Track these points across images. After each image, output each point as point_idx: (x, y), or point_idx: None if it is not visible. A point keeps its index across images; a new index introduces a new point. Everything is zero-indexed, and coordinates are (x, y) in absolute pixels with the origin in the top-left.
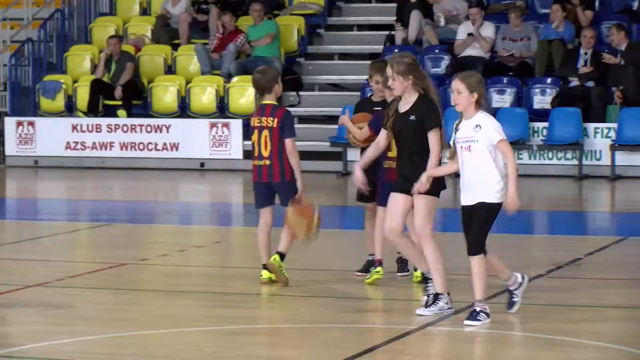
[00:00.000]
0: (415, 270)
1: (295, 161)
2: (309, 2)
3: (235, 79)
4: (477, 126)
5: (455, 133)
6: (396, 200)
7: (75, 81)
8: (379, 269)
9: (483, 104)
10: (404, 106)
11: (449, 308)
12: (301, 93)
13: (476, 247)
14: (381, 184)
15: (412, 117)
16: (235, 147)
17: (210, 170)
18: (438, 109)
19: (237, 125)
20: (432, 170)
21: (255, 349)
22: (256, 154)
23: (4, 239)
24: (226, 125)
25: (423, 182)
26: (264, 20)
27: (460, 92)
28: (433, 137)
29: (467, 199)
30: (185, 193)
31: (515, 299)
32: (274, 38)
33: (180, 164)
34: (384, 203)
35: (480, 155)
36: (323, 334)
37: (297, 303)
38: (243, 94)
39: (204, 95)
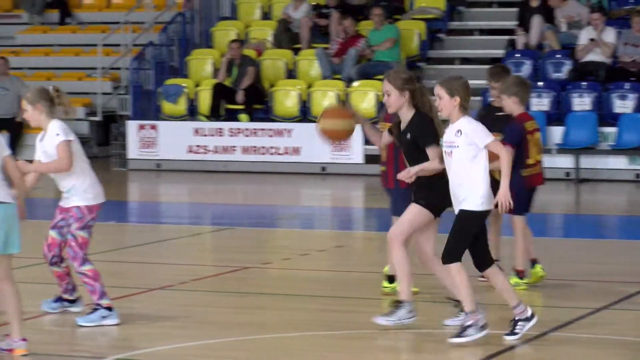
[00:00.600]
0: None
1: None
2: (430, 7)
3: (356, 84)
4: (458, 131)
5: (442, 138)
6: (410, 210)
7: (197, 85)
8: (525, 279)
9: (468, 108)
10: (402, 123)
11: (409, 318)
12: None
13: (450, 255)
14: (516, 191)
15: (408, 135)
16: (356, 152)
17: (331, 175)
18: (434, 125)
19: (358, 129)
20: (421, 165)
21: (376, 354)
22: (381, 159)
23: (127, 242)
24: None
25: (410, 172)
26: (384, 25)
27: (441, 98)
28: (431, 153)
29: (455, 207)
30: (307, 197)
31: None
32: (395, 42)
33: (301, 168)
34: (520, 211)
35: (460, 161)
36: (444, 339)
37: (418, 308)
38: (364, 98)
39: (325, 100)
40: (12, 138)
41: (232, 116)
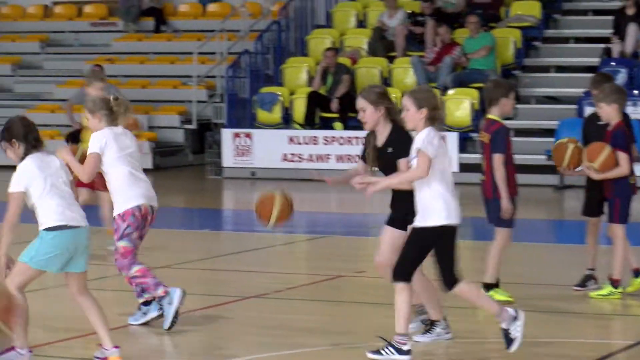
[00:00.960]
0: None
1: (499, 178)
2: (525, 15)
3: (451, 92)
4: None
5: None
6: (386, 233)
7: (292, 93)
8: (620, 289)
9: (437, 120)
10: (380, 140)
11: (446, 333)
12: (518, 106)
13: (400, 272)
14: (622, 199)
15: (390, 150)
16: (451, 160)
17: None
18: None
19: (452, 138)
20: (386, 181)
21: None
22: (482, 168)
23: (223, 250)
24: (442, 137)
25: (378, 185)
26: (480, 33)
27: (408, 109)
28: (402, 164)
29: (416, 220)
30: None
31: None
32: (490, 50)
33: None
34: (623, 220)
35: None
36: (541, 348)
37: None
38: (459, 106)
39: None
40: None
41: (326, 124)
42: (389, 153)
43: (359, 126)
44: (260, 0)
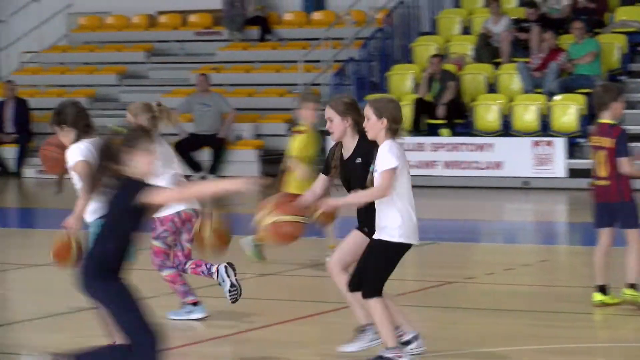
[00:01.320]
0: None
1: (636, 175)
2: (630, 20)
3: (557, 97)
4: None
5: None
6: (351, 236)
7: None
8: None
9: (398, 131)
10: (346, 151)
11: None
12: (624, 111)
13: (371, 288)
14: None
15: (359, 160)
16: (558, 166)
17: (533, 189)
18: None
19: (560, 143)
20: (346, 200)
21: None
22: (595, 173)
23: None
24: (549, 143)
25: (331, 203)
26: (585, 39)
27: (368, 118)
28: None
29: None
30: (510, 211)
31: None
32: (596, 56)
33: (503, 182)
34: None
35: None
36: None
37: (625, 322)
38: (566, 112)
39: (527, 114)
40: (214, 154)
41: (433, 131)
42: (357, 163)
43: (465, 132)
44: (365, 8)
